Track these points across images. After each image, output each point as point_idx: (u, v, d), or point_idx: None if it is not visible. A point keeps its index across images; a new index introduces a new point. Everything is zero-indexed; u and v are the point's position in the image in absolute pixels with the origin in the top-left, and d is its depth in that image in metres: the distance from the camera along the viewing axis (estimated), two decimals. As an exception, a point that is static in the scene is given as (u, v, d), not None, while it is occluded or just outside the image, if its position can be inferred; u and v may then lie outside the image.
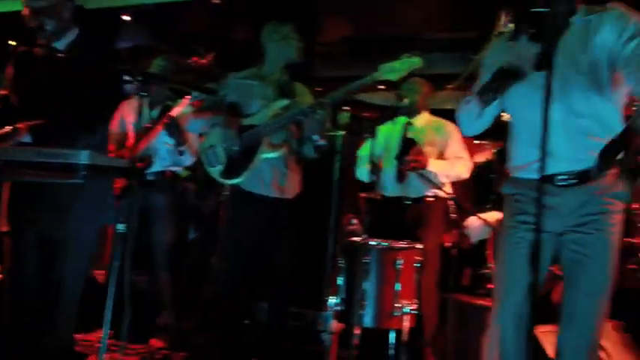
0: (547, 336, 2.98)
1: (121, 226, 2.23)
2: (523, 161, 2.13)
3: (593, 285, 2.03)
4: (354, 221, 3.32)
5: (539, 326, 2.76)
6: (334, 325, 3.61)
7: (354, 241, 3.23)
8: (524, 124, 2.12)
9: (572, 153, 2.01)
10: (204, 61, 6.77)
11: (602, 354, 2.95)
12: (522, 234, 2.09)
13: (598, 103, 2.01)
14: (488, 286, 3.49)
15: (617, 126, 1.99)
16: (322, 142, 3.10)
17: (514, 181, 2.20)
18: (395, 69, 2.81)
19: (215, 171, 3.18)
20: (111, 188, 2.74)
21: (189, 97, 3.51)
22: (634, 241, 4.01)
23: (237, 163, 3.10)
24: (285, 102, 3.12)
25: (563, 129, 2.00)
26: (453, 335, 3.49)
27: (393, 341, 3.24)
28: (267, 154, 3.09)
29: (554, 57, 1.97)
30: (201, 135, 3.42)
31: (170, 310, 3.73)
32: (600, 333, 2.07)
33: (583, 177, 2.00)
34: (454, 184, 3.72)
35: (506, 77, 2.01)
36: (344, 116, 4.15)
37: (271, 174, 3.15)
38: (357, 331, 3.21)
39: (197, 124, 3.32)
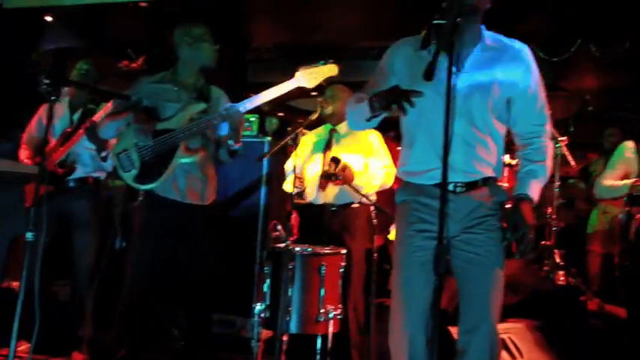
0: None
1: (29, 235, 2.15)
2: (420, 168, 2.17)
3: (487, 281, 2.12)
4: (279, 227, 3.31)
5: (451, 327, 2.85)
6: (262, 332, 3.62)
7: (279, 248, 3.23)
8: (425, 131, 2.14)
9: (466, 165, 2.12)
10: (135, 64, 6.63)
11: (515, 353, 3.08)
12: (421, 242, 2.13)
13: (492, 125, 2.15)
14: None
15: (501, 149, 2.18)
16: (237, 146, 3.07)
17: (409, 187, 2.23)
18: (312, 75, 2.84)
19: (128, 176, 3.08)
20: (20, 196, 2.64)
21: (112, 101, 3.42)
22: (548, 244, 4.22)
23: (152, 168, 3.02)
24: (201, 106, 3.07)
25: (461, 142, 2.10)
26: (379, 339, 3.54)
27: (320, 347, 3.26)
28: (184, 160, 3.03)
29: (461, 72, 2.10)
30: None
31: (90, 321, 3.61)
32: (497, 327, 2.15)
33: (472, 185, 2.14)
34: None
35: (400, 97, 1.97)
36: (272, 122, 4.19)
37: (187, 180, 3.09)
38: (284, 338, 3.21)
39: (110, 129, 3.21)
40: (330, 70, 2.84)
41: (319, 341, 3.29)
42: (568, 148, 4.15)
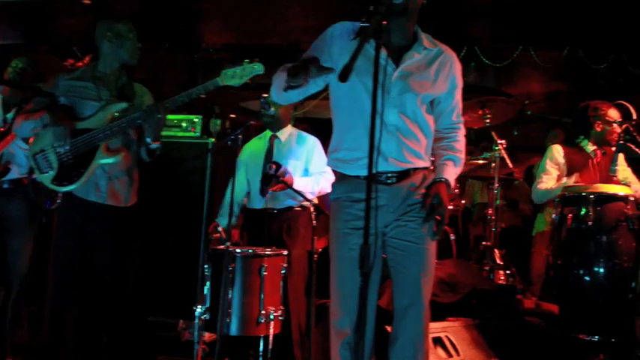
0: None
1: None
2: (352, 156, 2.22)
3: (417, 267, 2.19)
4: (219, 229, 3.30)
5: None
6: (205, 335, 3.58)
7: (219, 249, 3.21)
8: (359, 120, 2.17)
9: (398, 155, 2.20)
10: (80, 63, 6.47)
11: (452, 351, 3.14)
12: (357, 240, 2.13)
13: (423, 117, 2.25)
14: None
15: (431, 140, 2.30)
16: (156, 145, 3.01)
17: (342, 182, 2.27)
18: (237, 74, 2.80)
19: (46, 177, 2.95)
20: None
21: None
22: (488, 244, 4.32)
23: (71, 169, 2.91)
24: (123, 105, 2.98)
25: (394, 132, 2.18)
26: (320, 339, 3.56)
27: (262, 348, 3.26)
28: (104, 160, 2.94)
29: (399, 66, 2.18)
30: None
31: (24, 326, 3.51)
32: (429, 316, 2.21)
33: (403, 175, 2.21)
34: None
35: (317, 74, 2.03)
36: (216, 123, 4.16)
37: (108, 181, 2.99)
38: (226, 340, 3.19)
39: (25, 128, 3.03)
40: (257, 69, 2.81)
41: (262, 343, 3.29)
42: (507, 151, 4.26)
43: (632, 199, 3.21)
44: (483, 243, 4.37)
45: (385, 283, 3.17)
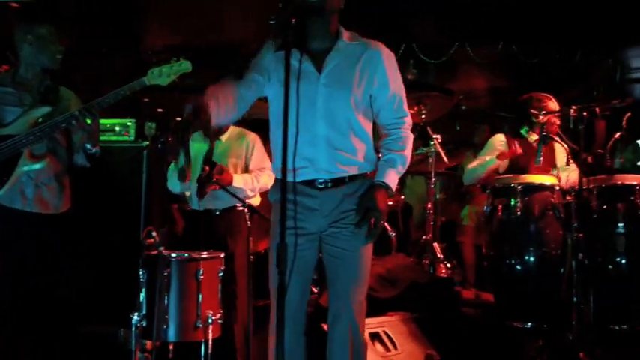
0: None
1: None
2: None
3: (349, 274, 2.20)
4: (154, 234, 3.24)
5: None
6: (146, 342, 3.52)
7: (154, 254, 3.16)
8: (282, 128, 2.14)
9: (329, 166, 2.19)
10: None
11: (390, 345, 3.18)
12: (290, 240, 2.13)
13: (357, 122, 2.22)
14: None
15: (371, 144, 2.25)
16: (95, 149, 2.96)
17: (276, 184, 2.29)
18: (163, 73, 2.77)
19: None
20: None
21: None
22: (427, 238, 4.40)
23: None
24: (46, 109, 2.90)
25: (325, 143, 2.17)
26: (261, 341, 3.55)
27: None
28: (29, 167, 2.86)
29: (322, 73, 2.16)
30: None
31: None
32: (361, 318, 2.23)
33: (338, 182, 2.20)
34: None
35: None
36: (151, 127, 4.10)
37: (34, 188, 2.92)
38: (170, 346, 3.15)
39: None
40: (183, 67, 2.78)
41: (203, 347, 3.25)
42: (446, 146, 4.36)
43: (557, 188, 3.32)
44: (424, 237, 4.44)
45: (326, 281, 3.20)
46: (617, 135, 3.48)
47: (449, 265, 4.37)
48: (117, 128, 4.05)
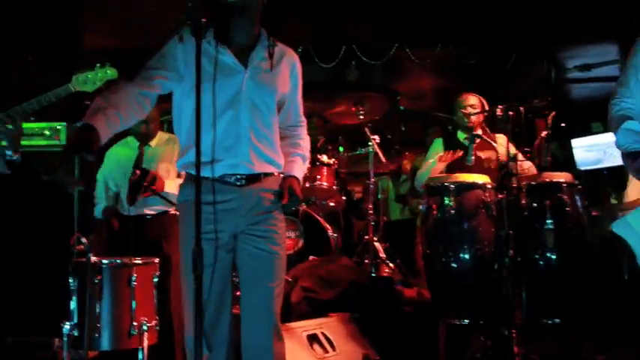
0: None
1: None
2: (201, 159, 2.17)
3: (268, 276, 2.18)
4: (83, 240, 3.14)
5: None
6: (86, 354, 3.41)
7: (84, 261, 3.06)
8: (208, 125, 2.10)
9: (250, 159, 2.18)
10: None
11: (328, 347, 3.18)
12: (205, 245, 2.04)
13: (273, 119, 2.27)
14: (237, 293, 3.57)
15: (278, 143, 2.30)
16: (16, 156, 2.88)
17: (189, 183, 2.23)
18: (89, 80, 2.74)
19: None
20: None
21: None
22: (367, 238, 4.43)
23: None
24: None
25: (248, 136, 2.17)
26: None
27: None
28: None
29: (248, 68, 2.18)
30: None
31: None
32: (279, 323, 2.20)
33: (254, 179, 2.20)
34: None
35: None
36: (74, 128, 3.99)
37: None
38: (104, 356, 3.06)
39: None
40: (109, 74, 2.75)
41: (140, 355, 3.17)
42: (380, 146, 4.39)
43: (489, 186, 3.39)
44: (366, 237, 4.47)
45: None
46: (544, 134, 3.58)
47: (391, 265, 4.41)
48: (46, 132, 3.92)
